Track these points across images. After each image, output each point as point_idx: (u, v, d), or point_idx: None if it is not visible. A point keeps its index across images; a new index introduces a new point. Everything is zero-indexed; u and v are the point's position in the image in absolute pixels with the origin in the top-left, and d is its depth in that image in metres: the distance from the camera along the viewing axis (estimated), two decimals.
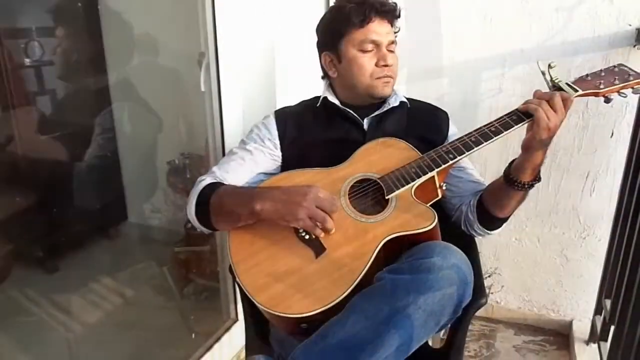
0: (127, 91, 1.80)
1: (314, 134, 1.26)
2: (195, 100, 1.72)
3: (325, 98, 1.28)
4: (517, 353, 1.95)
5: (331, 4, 1.56)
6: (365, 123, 1.27)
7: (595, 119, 1.78)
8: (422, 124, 1.30)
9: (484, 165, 1.94)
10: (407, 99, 1.32)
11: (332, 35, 1.24)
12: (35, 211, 1.60)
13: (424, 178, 1.09)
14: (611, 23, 1.69)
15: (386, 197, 1.08)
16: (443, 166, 1.10)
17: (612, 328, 1.58)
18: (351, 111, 1.26)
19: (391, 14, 1.22)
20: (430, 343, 1.37)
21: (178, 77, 1.88)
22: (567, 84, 1.12)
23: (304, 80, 1.71)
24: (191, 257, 2.10)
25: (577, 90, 1.10)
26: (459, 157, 1.10)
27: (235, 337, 1.88)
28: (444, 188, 1.14)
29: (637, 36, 1.66)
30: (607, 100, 1.14)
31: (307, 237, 1.05)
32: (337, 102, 1.28)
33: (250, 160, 1.23)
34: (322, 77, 1.36)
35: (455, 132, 1.33)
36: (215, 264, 2.00)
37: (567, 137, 1.83)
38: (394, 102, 1.28)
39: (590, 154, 1.82)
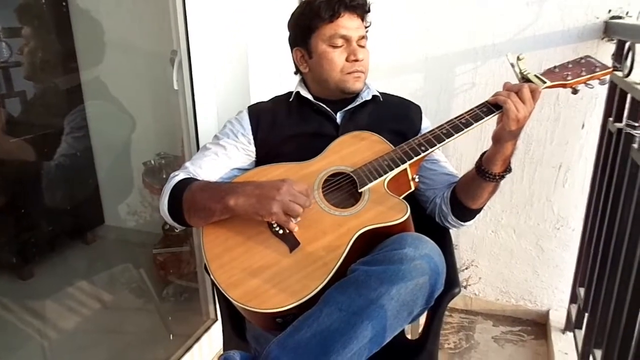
0: (100, 90, 1.78)
1: (287, 128, 1.26)
2: (168, 99, 1.70)
3: (298, 93, 1.29)
4: (496, 344, 1.97)
5: None
6: (339, 117, 1.27)
7: (567, 110, 1.81)
8: (395, 118, 1.31)
9: (459, 159, 1.96)
10: (380, 92, 1.33)
11: (302, 31, 1.25)
12: (7, 216, 1.57)
13: (396, 171, 1.10)
14: (580, 16, 1.72)
15: (359, 190, 1.08)
16: (415, 158, 1.10)
17: (586, 316, 1.61)
18: (324, 105, 1.26)
19: (361, 9, 1.22)
20: (409, 336, 1.39)
21: (151, 76, 1.87)
22: (535, 75, 1.14)
23: (278, 77, 1.71)
24: (169, 258, 2.08)
25: (545, 82, 1.12)
26: (430, 150, 1.11)
27: (215, 337, 1.87)
28: (416, 180, 1.15)
29: (605, 29, 1.70)
30: (575, 91, 1.16)
31: (281, 231, 1.04)
32: (309, 96, 1.28)
33: (223, 155, 1.22)
34: (295, 73, 1.36)
35: (428, 125, 1.34)
36: (193, 264, 1.99)
37: (540, 129, 1.85)
38: (366, 96, 1.29)
39: (562, 146, 1.85)
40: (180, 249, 2.08)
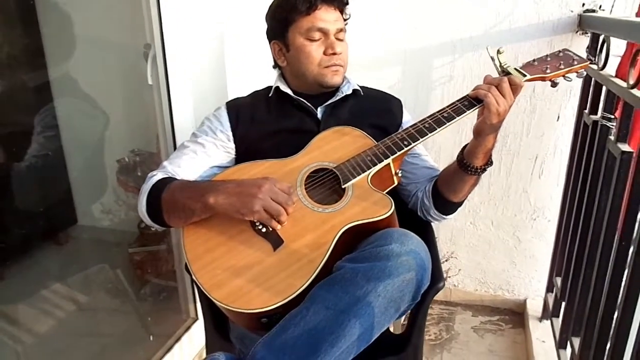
0: (70, 86, 1.71)
1: (267, 124, 1.24)
2: (143, 95, 1.65)
3: (277, 87, 1.26)
4: (476, 334, 2.00)
5: None
6: (319, 112, 1.26)
7: (542, 103, 1.84)
8: (376, 112, 1.30)
9: (438, 152, 1.97)
10: (361, 86, 1.32)
11: (279, 24, 1.23)
12: None
13: (379, 166, 1.09)
14: (554, 9, 1.74)
15: (343, 186, 1.07)
16: (398, 153, 1.10)
17: (563, 304, 1.65)
18: (304, 100, 1.25)
19: (338, 1, 1.21)
20: (391, 329, 1.39)
21: (123, 71, 1.81)
22: (515, 69, 1.14)
23: (256, 71, 1.68)
24: (146, 257, 2.03)
25: (525, 75, 1.13)
26: (413, 144, 1.11)
27: (196, 336, 1.84)
28: (399, 175, 1.14)
29: (579, 22, 1.72)
30: (554, 84, 1.17)
31: (263, 229, 1.03)
32: (289, 91, 1.26)
33: (202, 153, 1.19)
34: (273, 67, 1.34)
35: (408, 119, 1.34)
36: (172, 263, 1.95)
37: (516, 121, 1.88)
38: (347, 90, 1.27)
39: (538, 137, 1.88)
40: (158, 248, 2.04)
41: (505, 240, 2.05)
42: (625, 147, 1.16)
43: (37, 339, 1.69)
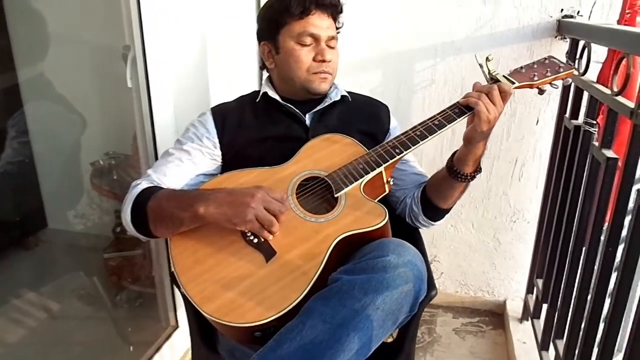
0: (42, 90, 1.64)
1: (254, 130, 1.21)
2: (121, 97, 1.60)
3: (265, 93, 1.24)
4: (457, 336, 2.01)
5: None
6: (308, 119, 1.24)
7: (522, 107, 1.86)
8: (365, 118, 1.29)
9: (420, 156, 1.97)
10: (348, 92, 1.31)
11: (270, 25, 1.20)
12: None
13: (372, 174, 1.08)
14: (534, 14, 1.76)
15: (335, 195, 1.06)
16: (391, 161, 1.09)
17: (545, 306, 1.67)
18: (292, 107, 1.22)
19: (332, 8, 1.19)
20: None
21: (101, 73, 1.74)
22: (504, 76, 1.15)
23: (238, 73, 1.65)
24: (123, 263, 1.97)
25: (513, 83, 1.13)
26: (406, 152, 1.10)
27: (177, 345, 1.79)
28: (391, 183, 1.14)
29: (558, 27, 1.75)
30: (541, 91, 1.18)
31: (255, 240, 1.00)
32: (277, 97, 1.23)
33: (188, 161, 1.16)
34: (261, 68, 1.31)
35: (396, 124, 1.34)
36: (149, 268, 1.90)
37: (497, 125, 1.86)
38: (335, 97, 1.26)
39: (518, 141, 1.90)
40: (134, 253, 1.98)
41: (485, 242, 2.07)
42: (610, 154, 1.18)
43: (5, 349, 1.62)
